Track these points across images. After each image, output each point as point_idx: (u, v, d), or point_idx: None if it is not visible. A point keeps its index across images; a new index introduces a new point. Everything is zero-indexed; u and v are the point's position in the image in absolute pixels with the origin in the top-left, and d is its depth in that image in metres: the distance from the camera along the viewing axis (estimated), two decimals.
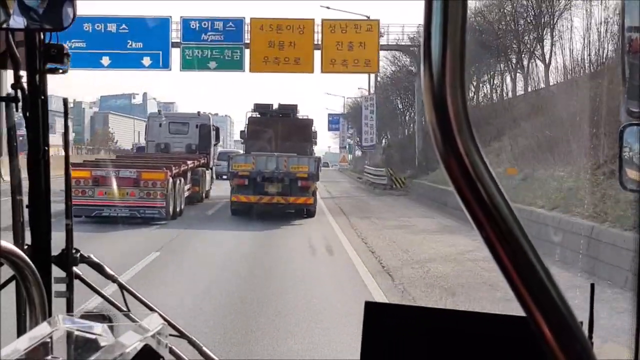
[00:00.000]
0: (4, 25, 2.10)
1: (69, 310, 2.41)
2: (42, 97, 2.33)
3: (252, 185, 23.90)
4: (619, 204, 13.51)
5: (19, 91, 2.29)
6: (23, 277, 1.79)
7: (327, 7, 40.44)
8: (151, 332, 1.36)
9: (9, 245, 1.78)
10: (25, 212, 2.39)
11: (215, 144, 32.39)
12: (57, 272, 2.45)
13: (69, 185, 2.57)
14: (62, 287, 2.45)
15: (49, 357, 1.40)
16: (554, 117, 23.50)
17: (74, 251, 2.49)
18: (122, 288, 2.59)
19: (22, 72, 2.29)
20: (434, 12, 0.88)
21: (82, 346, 1.38)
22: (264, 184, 23.89)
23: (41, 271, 1.87)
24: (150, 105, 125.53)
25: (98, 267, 2.58)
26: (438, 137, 0.90)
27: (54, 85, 2.41)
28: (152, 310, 2.36)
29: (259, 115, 27.31)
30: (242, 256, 16.00)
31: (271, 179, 23.91)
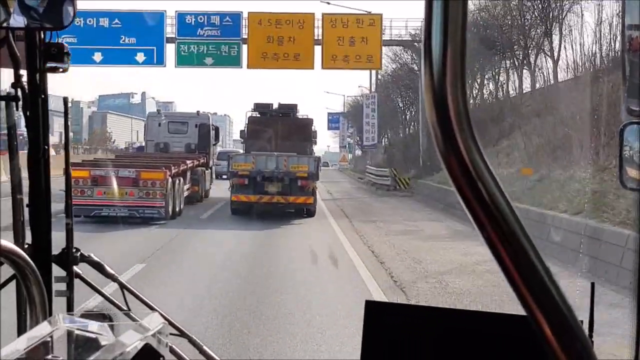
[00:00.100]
0: (5, 24, 2.10)
1: (69, 309, 2.41)
2: (43, 96, 2.33)
3: (252, 185, 23.92)
4: None
5: (19, 90, 2.29)
6: (23, 276, 1.79)
7: (328, 2, 38.82)
8: (152, 331, 1.35)
9: (9, 244, 1.78)
10: (26, 211, 2.39)
11: (215, 144, 32.38)
12: (57, 271, 2.45)
13: (69, 184, 2.57)
14: (63, 286, 2.46)
15: (49, 357, 1.40)
16: (568, 114, 22.14)
17: (74, 250, 2.49)
18: (123, 287, 2.59)
19: (22, 71, 2.29)
20: (434, 12, 0.88)
21: (82, 345, 1.38)
22: (264, 184, 23.91)
23: (41, 270, 1.87)
24: (149, 105, 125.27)
25: (98, 266, 2.58)
26: (439, 135, 0.90)
27: (52, 84, 2.41)
28: (153, 309, 2.36)
29: (258, 115, 27.35)
30: (235, 274, 15.27)
31: (271, 179, 23.92)
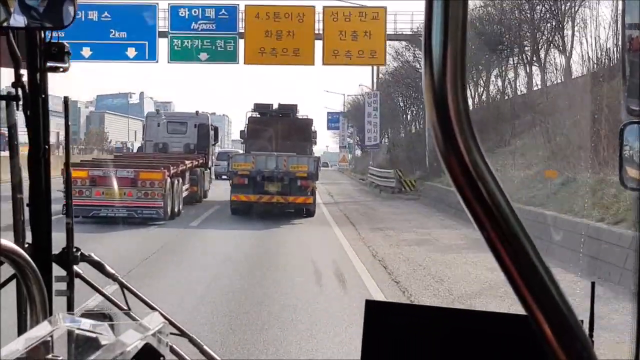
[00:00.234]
0: (5, 24, 2.10)
1: (70, 308, 2.41)
2: (43, 96, 2.33)
3: (252, 185, 23.95)
4: None
5: (19, 90, 2.29)
6: (24, 276, 1.79)
7: None
8: (152, 331, 1.36)
9: (10, 243, 1.78)
10: (26, 210, 2.39)
11: (214, 144, 32.35)
12: (57, 270, 2.45)
13: (69, 184, 2.57)
14: (63, 286, 2.45)
15: (49, 356, 1.40)
16: (589, 112, 19.96)
17: (74, 250, 2.49)
18: (123, 287, 2.59)
19: (22, 71, 2.29)
20: (434, 11, 0.88)
21: (82, 345, 1.38)
22: (263, 183, 23.93)
23: (42, 270, 1.87)
24: (147, 105, 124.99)
25: (99, 266, 2.58)
26: (439, 135, 0.90)
27: (50, 84, 2.41)
28: (153, 308, 2.36)
29: (258, 115, 27.39)
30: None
31: (271, 178, 23.94)
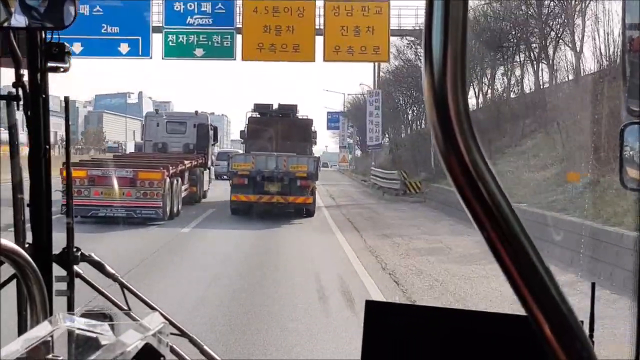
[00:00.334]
0: (6, 24, 2.10)
1: (70, 308, 2.41)
2: (44, 96, 2.33)
3: (251, 185, 23.98)
4: None
5: (20, 90, 2.29)
6: (24, 276, 1.79)
7: None
8: (152, 331, 1.36)
9: (10, 243, 1.78)
10: (26, 210, 2.39)
11: (213, 144, 32.33)
12: (58, 270, 2.45)
13: (70, 184, 2.57)
14: (63, 286, 2.46)
15: (49, 356, 1.40)
16: (606, 110, 18.78)
17: (74, 250, 2.49)
18: (123, 287, 2.59)
19: (23, 71, 2.29)
20: (435, 11, 0.88)
21: (82, 345, 1.38)
22: (263, 183, 23.96)
23: (42, 270, 1.88)
24: (146, 104, 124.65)
25: (99, 266, 2.58)
26: (439, 135, 0.90)
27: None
28: (153, 308, 2.36)
29: (258, 115, 27.42)
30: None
31: (271, 178, 23.97)
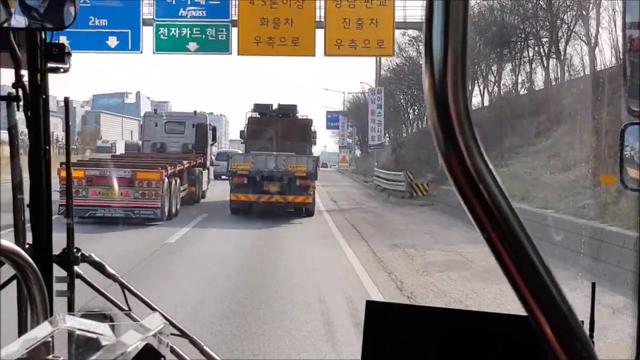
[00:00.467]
0: (6, 25, 2.10)
1: (70, 309, 2.41)
2: (44, 97, 2.33)
3: (251, 184, 24.00)
4: None
5: (20, 90, 2.29)
6: (24, 276, 1.79)
7: None
8: (152, 332, 1.36)
9: (10, 244, 1.78)
10: (27, 211, 2.39)
11: (212, 144, 32.31)
12: (58, 271, 2.45)
13: (69, 184, 2.57)
14: (63, 287, 2.45)
15: (50, 357, 1.40)
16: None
17: (75, 250, 2.49)
18: (123, 287, 2.59)
19: (23, 71, 2.29)
20: (435, 11, 0.88)
21: (83, 345, 1.38)
22: (263, 183, 23.99)
23: (42, 270, 1.88)
24: (143, 104, 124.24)
25: (99, 267, 2.58)
26: (439, 135, 0.90)
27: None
28: (154, 309, 2.36)
29: (258, 115, 27.46)
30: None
31: (270, 178, 23.99)
